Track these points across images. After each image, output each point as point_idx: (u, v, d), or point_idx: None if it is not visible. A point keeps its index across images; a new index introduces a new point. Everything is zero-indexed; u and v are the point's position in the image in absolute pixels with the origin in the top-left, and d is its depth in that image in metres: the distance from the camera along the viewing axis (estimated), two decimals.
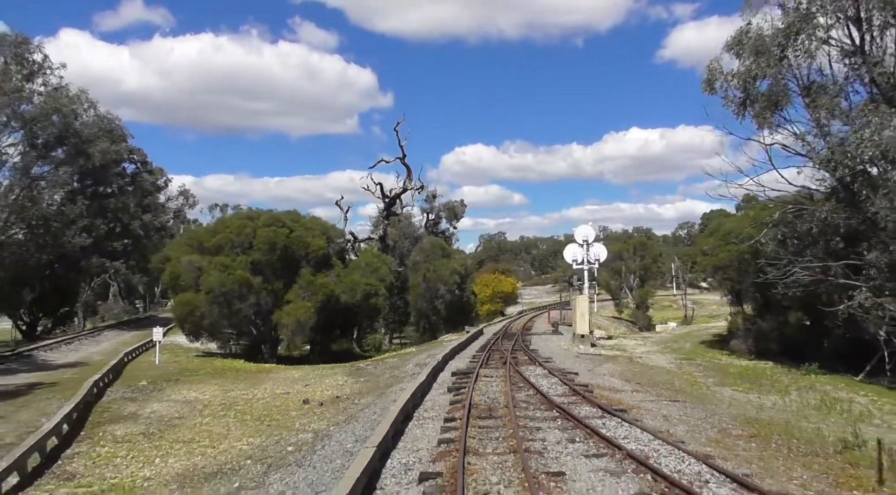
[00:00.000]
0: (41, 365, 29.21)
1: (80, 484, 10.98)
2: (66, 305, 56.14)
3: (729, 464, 9.37)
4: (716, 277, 35.66)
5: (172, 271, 33.67)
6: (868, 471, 9.28)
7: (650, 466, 8.94)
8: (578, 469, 9.06)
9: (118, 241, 57.13)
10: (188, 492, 10.52)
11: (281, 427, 15.63)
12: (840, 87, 20.67)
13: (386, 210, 51.26)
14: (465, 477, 8.52)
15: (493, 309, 63.49)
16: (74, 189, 49.58)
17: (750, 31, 22.34)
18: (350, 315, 37.62)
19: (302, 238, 34.30)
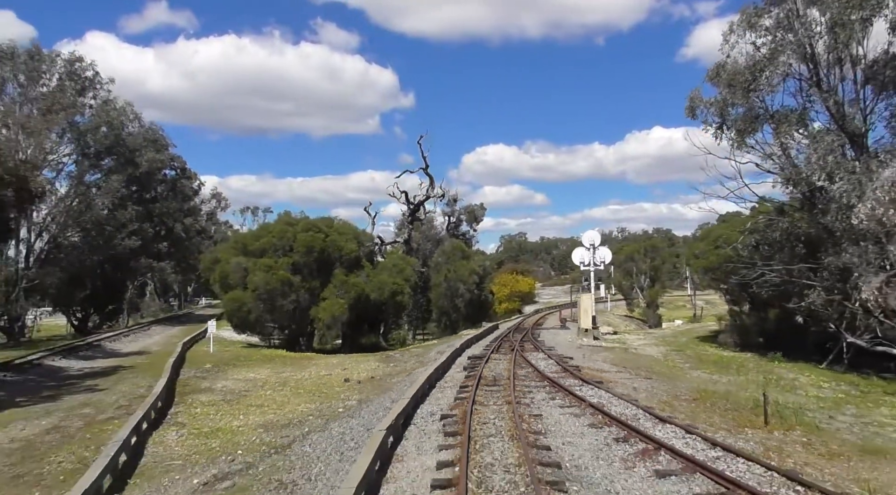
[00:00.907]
0: (111, 353, 33.47)
1: (192, 429, 14.95)
2: (113, 303, 60.73)
3: (661, 412, 13.09)
4: (706, 278, 39.05)
5: (222, 271, 37.86)
6: (762, 419, 12.92)
7: (603, 411, 12.71)
8: (552, 413, 12.87)
9: (163, 243, 61.87)
10: (272, 434, 14.42)
11: (329, 397, 19.52)
12: (800, 116, 24.11)
13: (410, 215, 55.21)
14: (472, 416, 12.35)
15: (510, 307, 67.21)
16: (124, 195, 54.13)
17: (727, 65, 25.79)
18: (378, 311, 41.55)
19: (336, 242, 38.32)
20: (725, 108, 25.75)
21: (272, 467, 11.50)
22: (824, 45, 23.13)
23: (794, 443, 11.03)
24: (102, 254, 50.19)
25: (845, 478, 8.91)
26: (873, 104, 24.15)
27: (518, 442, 10.22)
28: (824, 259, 23.59)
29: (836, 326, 22.71)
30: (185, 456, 12.58)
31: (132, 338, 42.06)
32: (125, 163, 53.82)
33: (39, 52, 48.96)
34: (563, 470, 9.02)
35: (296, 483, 10.40)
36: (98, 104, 52.67)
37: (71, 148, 48.94)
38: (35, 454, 12.83)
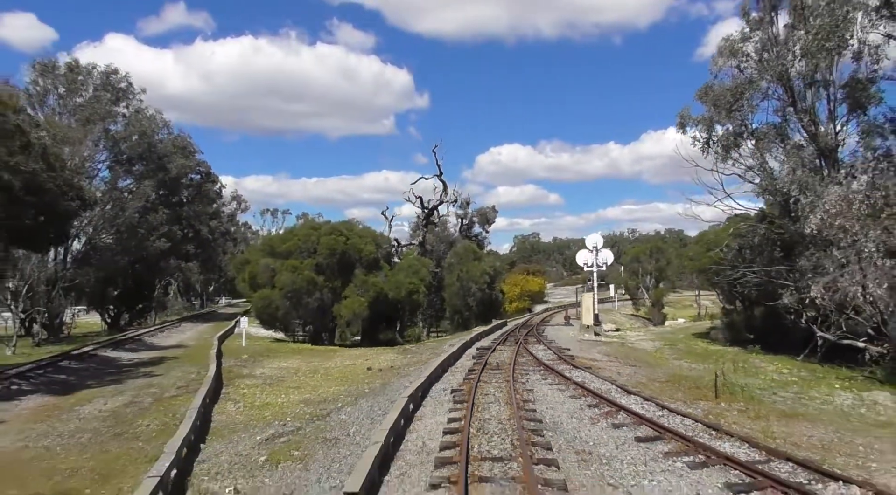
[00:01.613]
0: (152, 346, 36.64)
1: (245, 403, 17.97)
2: (143, 301, 64.16)
3: (632, 388, 15.94)
4: (699, 279, 41.71)
5: (251, 271, 41.06)
6: (714, 394, 15.74)
7: (583, 387, 15.60)
8: (542, 388, 15.78)
9: (190, 245, 65.32)
10: (312, 407, 17.39)
11: (356, 381, 22.48)
12: (777, 133, 26.81)
13: (425, 219, 58.23)
14: (476, 389, 15.28)
15: (521, 306, 70.03)
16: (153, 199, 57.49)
17: (714, 86, 28.52)
18: (395, 309, 44.58)
19: (356, 245, 41.38)
20: (712, 126, 28.49)
21: (316, 428, 14.45)
22: (797, 71, 25.81)
23: (732, 410, 13.84)
24: (134, 255, 53.49)
25: (756, 431, 11.71)
26: (846, 122, 26.83)
27: (511, 406, 13.14)
28: (798, 261, 26.29)
29: (808, 322, 25.36)
30: (245, 422, 15.58)
31: (167, 334, 45.30)
32: (156, 170, 57.36)
33: (78, 65, 52.64)
34: (542, 423, 11.94)
35: (337, 439, 13.32)
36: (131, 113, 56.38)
37: (105, 155, 52.46)
38: (124, 420, 15.89)
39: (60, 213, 25.65)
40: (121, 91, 55.05)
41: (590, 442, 10.67)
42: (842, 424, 12.71)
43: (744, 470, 8.78)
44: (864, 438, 11.30)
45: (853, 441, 11.11)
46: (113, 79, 54.32)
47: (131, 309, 62.05)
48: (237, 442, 13.52)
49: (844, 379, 19.87)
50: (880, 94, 26.13)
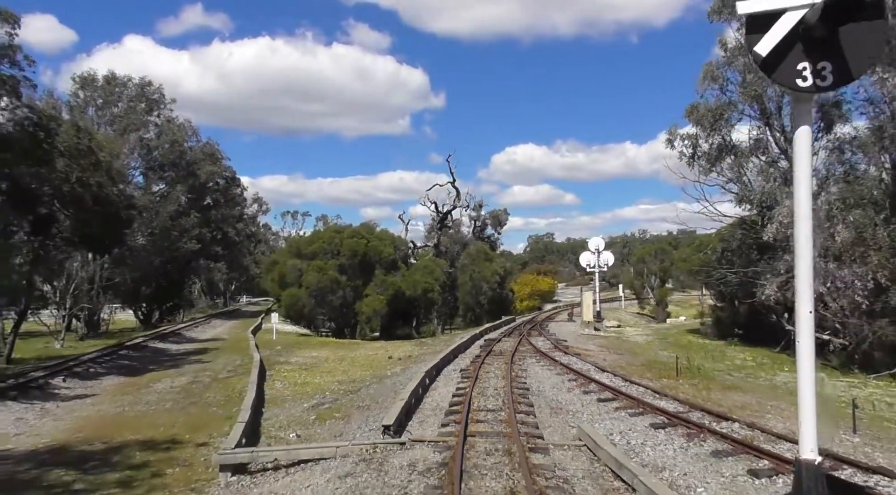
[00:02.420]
0: (191, 339, 40.42)
1: (288, 382, 21.52)
2: (173, 299, 68.05)
3: (608, 369, 19.32)
4: (690, 278, 44.87)
5: (280, 271, 44.75)
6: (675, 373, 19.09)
7: (568, 367, 19.02)
8: (535, 368, 19.23)
9: (218, 247, 69.27)
10: (344, 385, 20.90)
11: (379, 367, 25.99)
12: (752, 149, 30.02)
13: (439, 223, 61.76)
14: (480, 369, 18.75)
15: (531, 305, 73.33)
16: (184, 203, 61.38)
17: (699, 105, 31.71)
18: (411, 307, 48.15)
19: (376, 247, 44.97)
20: (697, 142, 31.70)
21: (351, 399, 17.95)
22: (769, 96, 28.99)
23: (685, 384, 17.20)
24: (166, 256, 57.30)
25: (696, 397, 15.06)
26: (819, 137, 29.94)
27: (507, 380, 16.60)
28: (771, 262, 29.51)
29: (777, 317, 28.59)
30: (292, 395, 19.13)
31: (201, 329, 49.10)
32: (186, 175, 61.44)
33: (115, 78, 56.84)
34: (529, 391, 15.40)
35: (369, 405, 16.79)
36: (162, 122, 60.57)
37: (139, 162, 56.55)
38: (193, 393, 19.51)
39: (121, 221, 29.45)
40: (153, 101, 59.30)
41: (562, 402, 14.13)
42: (767, 393, 16.06)
43: (666, 416, 12.18)
44: (776, 402, 14.65)
45: (767, 403, 14.46)
46: (147, 90, 58.54)
47: (162, 306, 66.04)
48: (289, 408, 17.07)
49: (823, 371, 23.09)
50: (848, 114, 29.32)
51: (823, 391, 14.99)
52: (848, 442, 10.81)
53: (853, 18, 5.33)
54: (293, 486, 9.49)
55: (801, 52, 5.44)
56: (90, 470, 11.27)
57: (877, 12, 5.34)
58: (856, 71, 5.43)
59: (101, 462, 11.84)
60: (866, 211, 22.24)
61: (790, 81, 5.52)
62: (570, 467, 9.32)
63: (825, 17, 5.29)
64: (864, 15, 5.33)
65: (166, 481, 10.62)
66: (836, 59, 5.39)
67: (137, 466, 11.51)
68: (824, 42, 5.38)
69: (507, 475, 8.63)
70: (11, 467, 11.50)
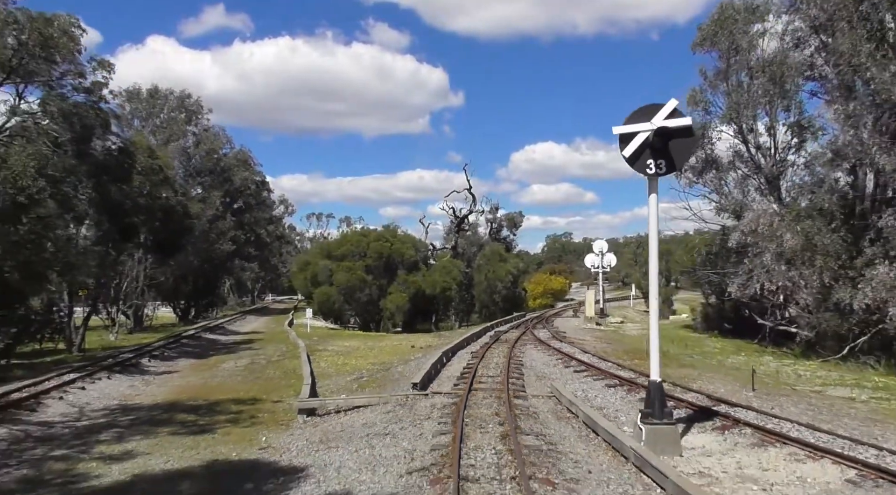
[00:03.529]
0: (234, 332, 45.29)
1: (331, 363, 26.09)
2: (209, 297, 73.07)
3: (591, 352, 23.68)
4: (682, 277, 48.96)
5: (312, 271, 49.51)
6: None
7: (559, 351, 23.44)
8: (532, 352, 23.70)
9: (252, 248, 74.24)
10: (376, 365, 25.43)
11: (403, 354, 30.48)
12: (730, 163, 34.15)
13: (457, 227, 66.31)
14: (487, 352, 23.23)
15: (544, 303, 77.58)
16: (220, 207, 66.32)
17: None
18: (431, 304, 52.71)
19: (399, 249, 49.59)
20: None
21: (383, 374, 22.47)
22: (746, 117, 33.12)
23: None
24: (203, 256, 62.23)
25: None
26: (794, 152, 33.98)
27: (507, 358, 21.07)
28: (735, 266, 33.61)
29: (751, 312, 32.71)
30: (335, 372, 23.70)
31: (239, 324, 54.08)
32: (222, 181, 66.51)
33: (157, 91, 62.11)
34: (523, 366, 19.86)
35: (398, 379, 21.26)
36: (199, 131, 65.81)
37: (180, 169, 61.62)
38: (255, 371, 24.17)
39: (185, 229, 34.30)
40: (192, 112, 64.57)
41: (546, 373, 18.58)
42: (710, 370, 20.36)
43: (619, 381, 16.59)
44: (712, 374, 18.97)
45: (704, 375, 18.78)
46: (187, 102, 63.79)
47: (198, 303, 71.17)
48: (335, 380, 21.65)
49: (760, 353, 27.30)
50: (819, 132, 33.36)
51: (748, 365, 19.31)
52: (744, 394, 15.12)
53: (675, 137, 9.76)
54: (351, 420, 14.03)
55: (648, 154, 9.87)
56: (203, 414, 15.89)
57: (687, 133, 9.77)
58: (678, 165, 9.88)
59: (208, 410, 16.46)
60: (815, 221, 26.31)
61: (642, 170, 9.96)
62: (540, 407, 13.79)
63: (659, 137, 9.72)
64: (681, 135, 9.76)
65: (261, 420, 15.20)
66: (667, 158, 9.83)
67: (236, 412, 16.12)
68: (660, 150, 9.81)
69: (495, 408, 13.11)
70: (147, 412, 16.17)
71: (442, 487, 8.14)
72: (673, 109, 9.70)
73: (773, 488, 8.53)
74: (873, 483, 8.30)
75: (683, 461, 9.78)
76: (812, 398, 15.01)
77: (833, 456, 9.33)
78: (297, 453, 11.54)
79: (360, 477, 9.37)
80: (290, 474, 10.19)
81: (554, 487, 8.17)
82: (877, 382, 17.71)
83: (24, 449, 12.30)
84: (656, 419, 10.17)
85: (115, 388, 19.47)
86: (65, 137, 23.17)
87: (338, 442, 11.99)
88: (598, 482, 8.70)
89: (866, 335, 24.32)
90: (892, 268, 21.95)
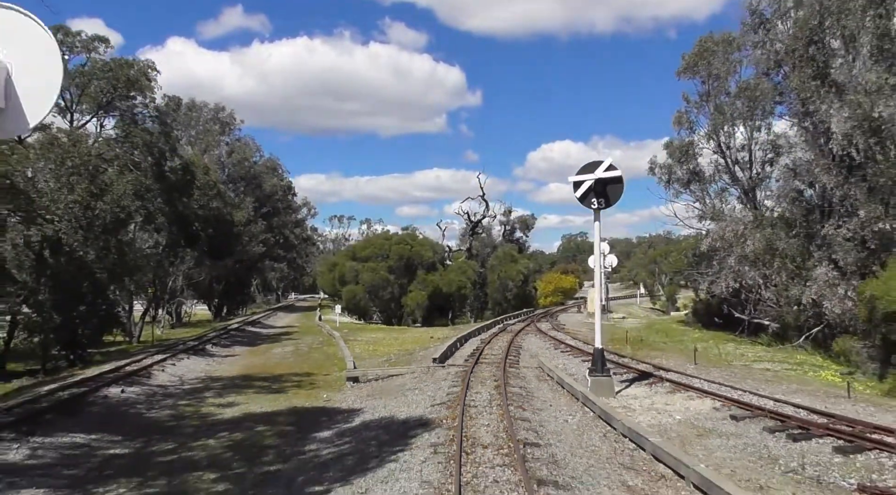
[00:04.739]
0: (271, 326, 50.37)
1: (363, 350, 31.01)
2: (240, 295, 78.19)
3: (581, 339, 28.40)
4: (675, 277, 53.41)
5: (340, 271, 54.56)
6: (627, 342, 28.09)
7: (553, 338, 28.21)
8: (531, 339, 28.52)
9: (281, 249, 79.39)
10: (401, 351, 30.27)
11: (424, 342, 35.30)
12: (711, 176, 38.67)
13: (471, 231, 71.16)
14: (493, 339, 28.06)
15: (554, 300, 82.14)
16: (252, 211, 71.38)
17: (673, 142, 40.47)
18: (447, 301, 57.58)
19: (418, 251, 54.50)
20: (671, 171, 40.44)
21: (407, 357, 27.28)
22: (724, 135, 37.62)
23: (629, 347, 26.18)
24: (236, 258, 67.35)
25: (622, 353, 24.04)
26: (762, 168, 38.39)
27: (509, 344, 25.86)
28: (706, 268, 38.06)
29: (729, 307, 37.21)
30: (368, 355, 28.58)
31: (273, 320, 59.18)
32: (253, 188, 71.70)
33: (195, 104, 67.40)
34: (522, 349, 24.67)
35: (420, 359, 26.06)
36: (232, 141, 71.04)
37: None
38: (301, 355, 29.12)
39: (233, 236, 39.40)
40: (225, 123, 69.90)
41: (538, 353, 23.36)
42: (675, 353, 25.00)
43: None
44: (675, 355, 23.63)
45: (666, 355, 23.44)
46: (221, 115, 69.09)
47: (231, 301, 76.41)
48: (369, 362, 26.54)
49: (731, 342, 31.83)
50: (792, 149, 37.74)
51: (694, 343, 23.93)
52: (687, 366, 19.77)
53: (610, 184, 14.53)
54: (388, 383, 18.90)
55: (593, 195, 14.65)
56: (273, 382, 20.82)
57: (618, 181, 14.54)
58: (612, 202, 14.63)
59: (275, 380, 21.40)
60: (775, 229, 30.79)
61: (589, 206, 14.73)
62: (527, 373, 18.61)
63: (599, 184, 14.48)
64: (614, 182, 14.53)
65: (318, 385, 20.10)
66: (605, 198, 14.60)
67: (297, 381, 21.03)
68: (601, 192, 14.58)
69: (494, 373, 17.95)
70: (230, 381, 21.14)
71: (454, 411, 12.94)
72: (609, 165, 14.44)
73: (666, 412, 13.28)
74: (727, 409, 13.02)
75: (615, 400, 14.54)
76: (737, 368, 19.70)
77: (712, 396, 14.07)
78: (352, 402, 16.42)
79: (398, 409, 14.23)
80: (349, 412, 15.07)
81: (524, 410, 12.99)
82: (798, 360, 22.32)
83: (158, 399, 17.31)
84: (598, 373, 14.97)
85: (197, 365, 24.52)
86: (146, 163, 28.30)
87: (380, 395, 16.88)
88: (555, 410, 13.50)
89: (820, 326, 28.87)
90: (829, 269, 26.45)
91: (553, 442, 10.61)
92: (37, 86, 4.74)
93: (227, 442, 12.45)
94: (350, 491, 8.63)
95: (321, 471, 9.95)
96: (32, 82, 4.69)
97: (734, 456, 10.00)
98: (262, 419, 14.78)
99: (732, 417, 12.32)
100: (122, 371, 20.56)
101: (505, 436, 10.47)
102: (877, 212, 24.22)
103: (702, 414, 12.90)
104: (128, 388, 17.92)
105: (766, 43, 32.80)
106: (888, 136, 23.28)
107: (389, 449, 10.56)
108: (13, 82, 4.79)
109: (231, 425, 14.10)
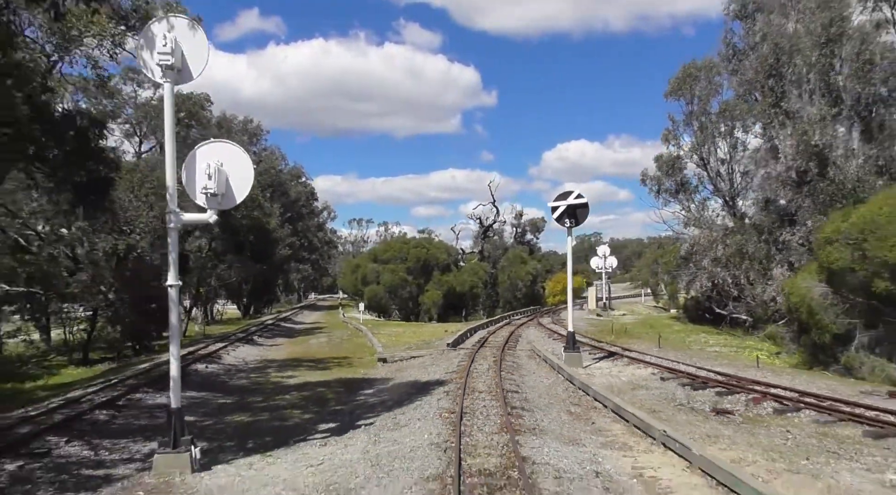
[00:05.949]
0: (300, 323, 55.52)
1: (387, 340, 35.97)
2: (267, 295, 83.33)
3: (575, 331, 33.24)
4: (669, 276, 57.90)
5: (363, 272, 59.66)
6: (612, 332, 32.87)
7: (548, 328, 33.08)
8: (531, 329, 33.48)
9: (305, 252, 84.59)
10: (420, 341, 35.19)
11: (440, 335, 40.12)
12: (696, 187, 43.30)
13: (483, 234, 76.12)
14: (498, 330, 32.99)
15: (562, 299, 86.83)
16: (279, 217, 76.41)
17: (663, 155, 45.13)
18: (461, 300, 62.52)
19: (434, 254, 59.48)
20: (661, 181, 45.10)
21: (425, 344, 32.17)
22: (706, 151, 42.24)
23: (612, 337, 30.94)
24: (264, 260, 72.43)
25: (604, 341, 28.81)
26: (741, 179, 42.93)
27: (511, 333, 30.75)
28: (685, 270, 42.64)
29: (711, 304, 41.84)
30: (393, 345, 33.52)
31: (301, 317, 64.40)
32: (280, 195, 76.96)
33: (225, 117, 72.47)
34: (521, 337, 29.61)
35: (436, 346, 30.96)
36: (259, 150, 76.39)
37: None
38: (336, 344, 34.15)
39: (272, 242, 44.53)
40: (253, 134, 75.22)
41: (534, 341, 28.24)
42: (648, 339, 29.74)
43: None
44: (646, 341, 28.39)
45: (640, 341, 28.21)
46: (249, 127, 74.47)
47: (258, 301, 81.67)
48: (393, 349, 31.51)
49: (707, 333, 36.48)
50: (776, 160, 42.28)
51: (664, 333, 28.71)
52: (652, 349, 24.52)
53: (578, 209, 19.45)
54: (410, 362, 23.86)
55: (565, 216, 19.56)
56: (318, 363, 25.83)
57: (585, 206, 19.46)
58: (580, 222, 19.55)
59: (319, 361, 26.42)
60: (744, 235, 35.39)
61: (563, 224, 19.63)
62: (520, 354, 23.53)
63: (570, 208, 19.39)
64: (582, 207, 19.45)
65: (354, 365, 25.08)
66: (574, 219, 19.53)
67: (337, 363, 26.03)
68: (572, 214, 19.50)
69: (494, 353, 22.88)
70: (283, 362, 26.19)
71: (461, 375, 17.86)
72: (577, 194, 19.30)
73: (617, 377, 18.13)
74: (661, 373, 17.87)
75: (582, 369, 19.41)
76: (692, 351, 24.51)
77: (654, 367, 18.93)
78: (384, 375, 21.39)
79: (421, 376, 19.19)
80: (384, 379, 20.05)
81: (512, 375, 17.92)
82: (746, 345, 27.06)
83: (233, 373, 22.40)
84: (570, 350, 19.87)
85: (251, 351, 29.65)
86: None
87: (406, 369, 21.87)
88: (536, 375, 18.42)
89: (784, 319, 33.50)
90: (785, 270, 31.11)
91: (528, 391, 15.52)
92: (240, 179, 9.90)
93: (298, 397, 17.47)
94: (392, 415, 13.57)
95: (370, 409, 14.91)
96: (237, 179, 9.85)
97: (649, 398, 14.86)
98: (319, 385, 19.77)
99: (661, 378, 17.18)
100: (197, 354, 25.65)
101: (495, 387, 15.38)
102: (820, 221, 28.86)
103: (641, 378, 17.76)
104: (210, 365, 23.04)
105: (738, 71, 37.49)
106: (825, 160, 27.99)
107: (416, 395, 15.52)
108: (229, 180, 9.99)
109: (297, 388, 19.12)
